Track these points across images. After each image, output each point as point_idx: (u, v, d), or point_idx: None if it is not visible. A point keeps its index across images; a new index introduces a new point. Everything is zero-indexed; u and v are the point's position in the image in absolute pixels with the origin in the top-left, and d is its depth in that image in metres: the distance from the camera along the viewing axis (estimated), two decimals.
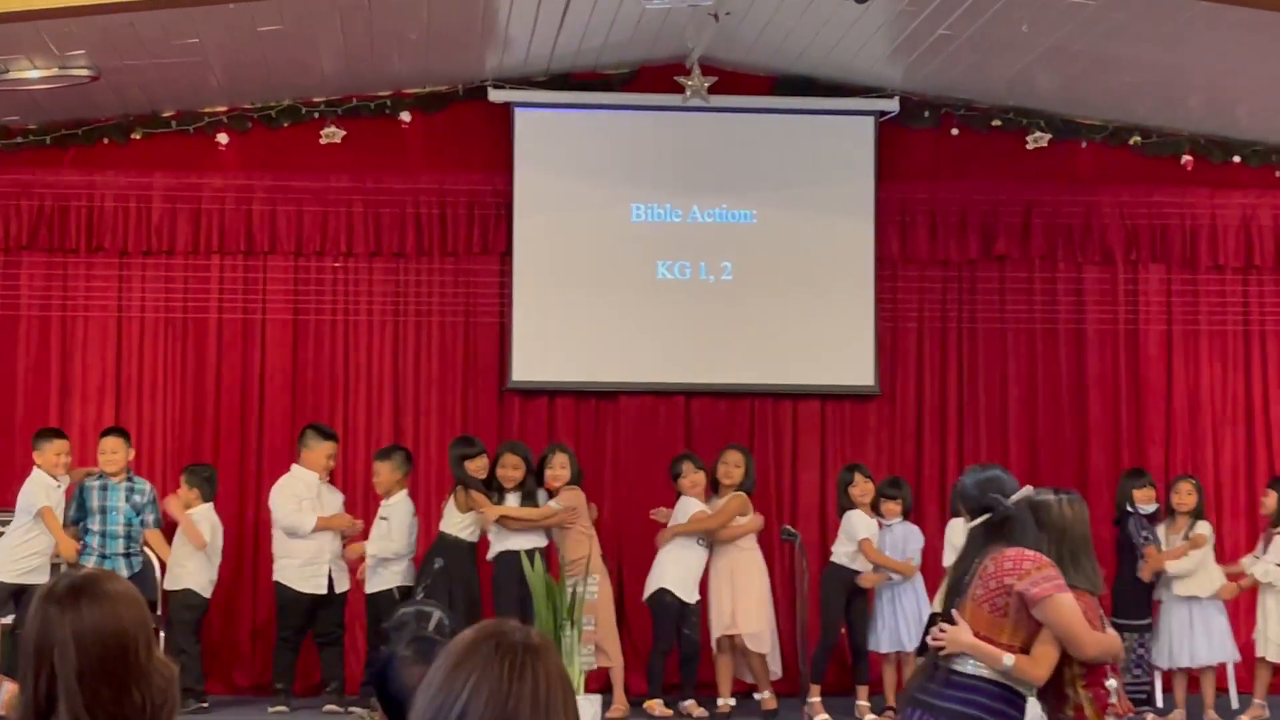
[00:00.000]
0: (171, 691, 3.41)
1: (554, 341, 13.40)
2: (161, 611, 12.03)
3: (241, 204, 13.26)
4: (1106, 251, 13.77)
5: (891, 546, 12.12)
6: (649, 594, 12.14)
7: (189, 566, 12.11)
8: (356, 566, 12.14)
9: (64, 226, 13.15)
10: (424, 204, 13.39)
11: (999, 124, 13.74)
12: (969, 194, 13.72)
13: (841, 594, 12.12)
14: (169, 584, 12.09)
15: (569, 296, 13.38)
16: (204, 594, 12.15)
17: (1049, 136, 13.76)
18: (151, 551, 12.13)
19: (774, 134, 13.58)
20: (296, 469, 12.27)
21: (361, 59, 12.41)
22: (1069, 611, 6.03)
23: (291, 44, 11.83)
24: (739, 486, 12.19)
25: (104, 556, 11.67)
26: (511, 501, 11.91)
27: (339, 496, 12.45)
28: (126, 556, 11.83)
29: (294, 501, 12.11)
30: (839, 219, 13.55)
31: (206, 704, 11.96)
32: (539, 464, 12.09)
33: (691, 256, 13.52)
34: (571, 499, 11.92)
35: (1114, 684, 6.24)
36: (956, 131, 13.76)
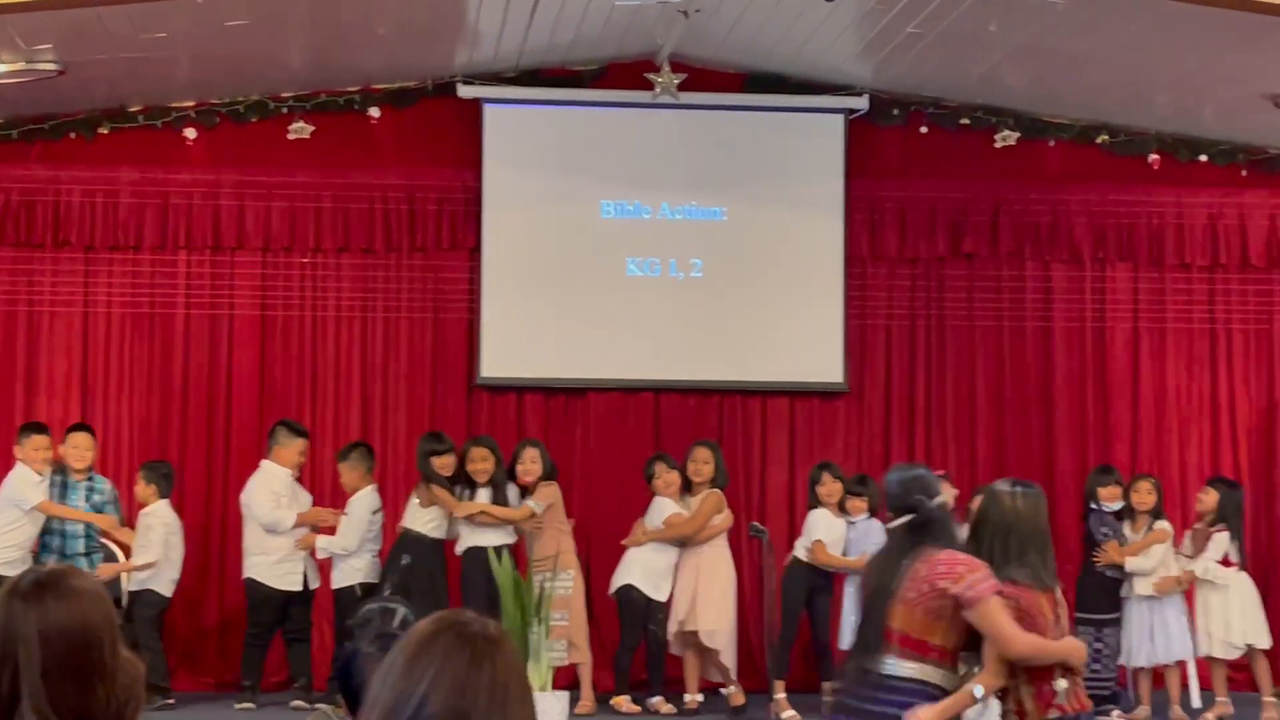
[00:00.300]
0: (136, 689, 3.40)
1: (523, 338, 13.39)
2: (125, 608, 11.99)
3: (209, 199, 13.21)
4: (1074, 250, 13.82)
5: (856, 543, 12.13)
6: (615, 589, 12.13)
7: (161, 569, 12.04)
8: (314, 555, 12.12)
9: (30, 221, 13.09)
10: (393, 200, 13.37)
11: (968, 122, 13.77)
12: (938, 192, 13.74)
13: (803, 590, 12.13)
14: (130, 584, 12.03)
15: (538, 293, 13.37)
16: (165, 592, 12.09)
17: (1017, 135, 13.79)
18: (116, 546, 12.07)
19: (743, 131, 13.58)
20: (268, 465, 12.22)
21: (330, 54, 12.38)
22: (999, 613, 6.08)
23: (259, 39, 11.80)
24: (711, 483, 12.20)
25: (64, 556, 11.61)
26: (482, 496, 11.90)
27: (308, 496, 12.41)
28: (87, 555, 11.76)
29: (272, 498, 12.06)
30: (808, 216, 13.57)
31: (173, 700, 11.91)
32: (510, 459, 12.09)
33: (661, 253, 13.52)
34: (549, 495, 11.93)
35: (1063, 684, 6.26)
36: (925, 130, 13.79)
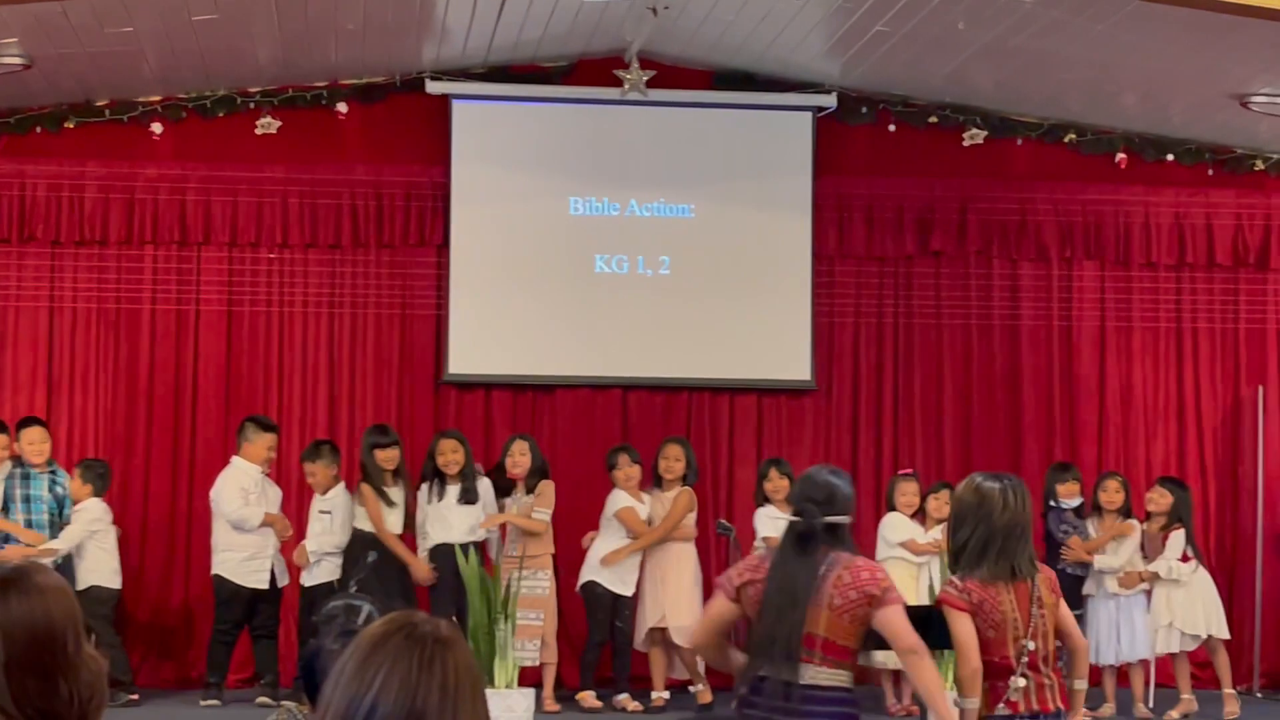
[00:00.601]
0: (100, 685, 3.38)
1: (491, 335, 13.37)
2: None
3: (175, 194, 13.17)
4: (1041, 248, 13.85)
5: None
6: (580, 584, 12.14)
7: (88, 562, 11.96)
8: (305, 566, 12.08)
9: None
10: (360, 195, 13.34)
11: (936, 120, 13.80)
12: (906, 190, 13.77)
13: None
14: (75, 585, 11.97)
15: (506, 289, 13.36)
16: (112, 585, 12.01)
17: (985, 133, 13.82)
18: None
19: (712, 129, 13.59)
20: (238, 461, 12.17)
21: (298, 49, 12.35)
22: (903, 616, 6.31)
23: (227, 33, 11.76)
24: (682, 480, 12.21)
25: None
26: (453, 492, 11.90)
27: (278, 491, 12.37)
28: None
29: (240, 495, 12.00)
30: (777, 214, 13.58)
31: (136, 696, 11.87)
32: (500, 453, 12.09)
33: (629, 250, 13.52)
34: (551, 497, 11.99)
35: (1021, 682, 6.29)
36: (894, 128, 13.81)
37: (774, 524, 11.97)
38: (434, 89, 13.33)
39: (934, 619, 6.56)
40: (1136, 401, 13.92)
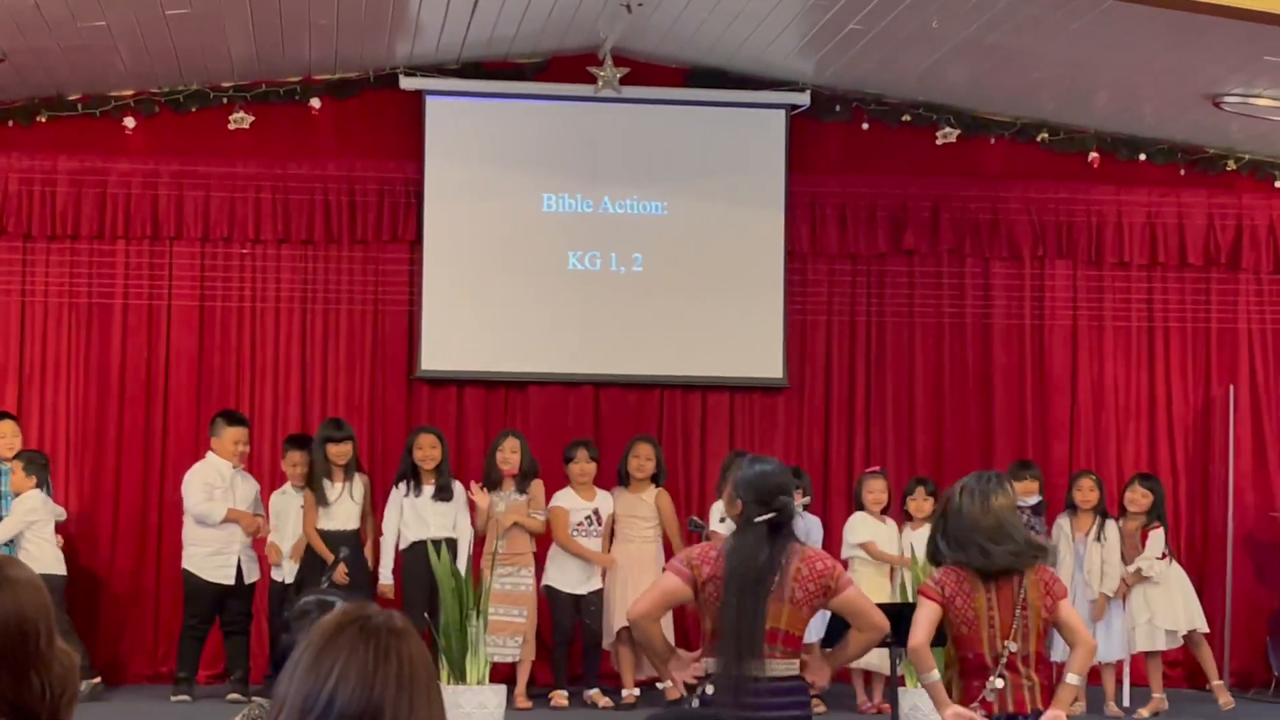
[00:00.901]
0: (71, 679, 3.37)
1: (463, 331, 13.36)
2: None
3: (148, 189, 13.13)
4: (1014, 247, 13.88)
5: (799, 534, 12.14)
6: (543, 585, 12.16)
7: (29, 552, 11.89)
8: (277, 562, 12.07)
9: None
10: (333, 191, 13.32)
11: (909, 119, 13.81)
12: (879, 188, 13.78)
13: None
14: None
15: (479, 286, 13.35)
16: (58, 572, 11.89)
17: (958, 132, 13.84)
18: None
19: (685, 126, 13.59)
20: (211, 457, 12.17)
21: (271, 44, 12.32)
22: (863, 594, 6.54)
23: (200, 28, 11.73)
24: (653, 479, 12.23)
25: None
26: (427, 489, 11.89)
27: (253, 485, 12.31)
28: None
29: (205, 490, 11.99)
30: (749, 211, 13.58)
31: (99, 679, 11.83)
32: (489, 450, 12.12)
33: (602, 247, 13.51)
34: (542, 494, 12.04)
35: (1000, 684, 6.31)
36: (867, 126, 13.82)
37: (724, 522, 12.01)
38: (408, 85, 13.31)
39: (905, 616, 6.59)
40: (1108, 400, 13.95)
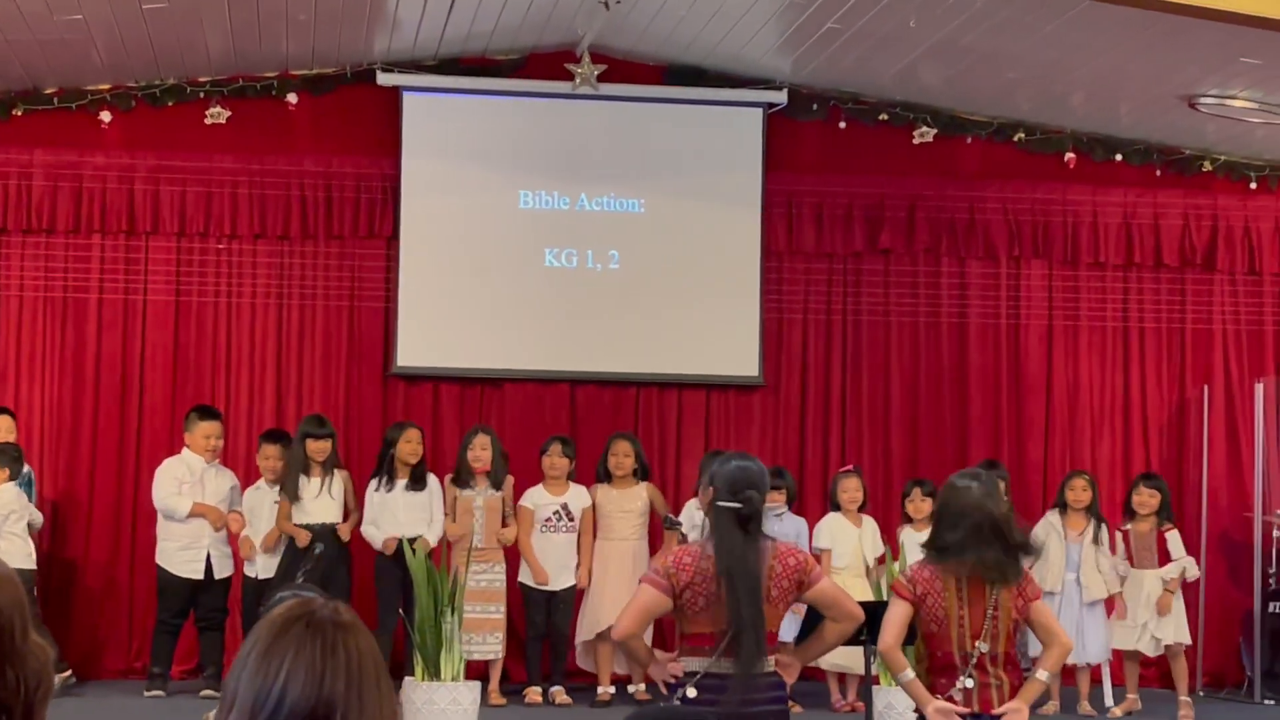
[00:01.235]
0: (46, 674, 3.37)
1: (439, 327, 13.35)
2: None
3: (124, 183, 13.10)
4: (990, 246, 13.91)
5: (781, 537, 12.12)
6: (518, 582, 12.17)
7: (2, 546, 11.89)
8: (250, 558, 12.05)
9: None
10: (310, 187, 13.30)
11: (886, 118, 13.83)
12: (855, 187, 13.79)
13: None
14: None
15: (455, 282, 13.34)
16: (27, 567, 11.86)
17: (935, 132, 13.86)
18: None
19: (663, 124, 13.59)
20: (185, 451, 12.17)
21: (248, 39, 12.30)
22: (836, 585, 6.57)
23: (177, 22, 11.71)
24: (634, 475, 12.25)
25: None
26: (401, 484, 11.89)
27: (228, 480, 12.27)
28: None
29: (173, 484, 12.00)
30: (726, 210, 13.59)
31: (69, 671, 11.81)
32: (450, 446, 12.10)
33: (579, 245, 13.51)
34: (511, 491, 12.07)
35: (969, 684, 6.32)
36: (844, 125, 13.83)
37: (691, 517, 11.98)
38: (385, 81, 13.29)
39: (879, 615, 6.60)
40: (1083, 400, 13.99)
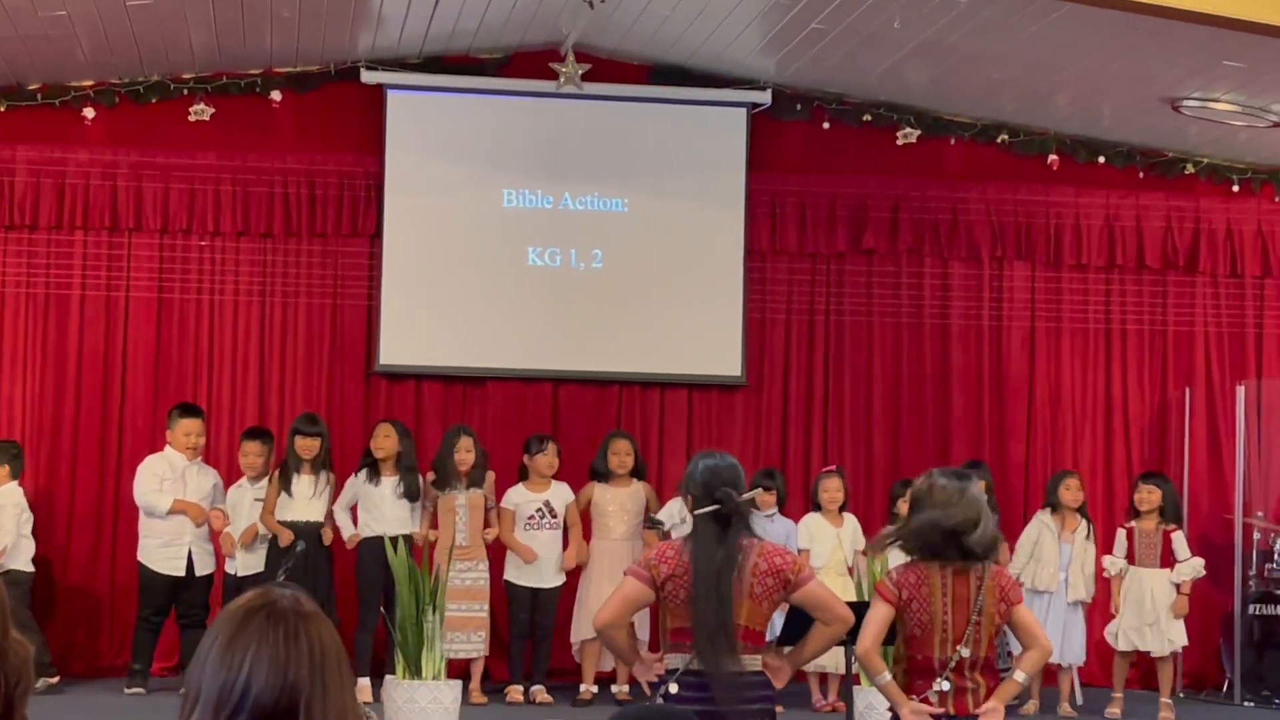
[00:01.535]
0: (26, 671, 3.37)
1: (422, 326, 13.35)
2: None
3: (107, 179, 13.09)
4: (973, 248, 13.93)
5: (774, 539, 12.13)
6: (504, 580, 12.18)
7: (23, 545, 11.92)
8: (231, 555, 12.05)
9: None
10: (293, 184, 13.29)
11: (870, 119, 13.84)
12: (838, 188, 13.81)
13: None
14: None
15: (438, 281, 13.34)
16: (28, 569, 11.94)
17: (918, 133, 13.88)
18: None
19: (646, 123, 13.60)
20: (167, 449, 12.17)
21: (232, 36, 12.29)
22: (823, 587, 6.51)
23: (161, 19, 11.69)
24: (632, 474, 12.26)
25: None
26: (388, 483, 11.89)
27: (210, 478, 12.27)
28: None
29: (154, 481, 12.00)
30: (709, 209, 13.60)
31: (57, 679, 11.81)
32: (434, 444, 12.13)
33: (562, 244, 13.52)
34: (493, 490, 12.08)
35: (946, 685, 6.34)
36: (828, 125, 13.84)
37: (670, 514, 12.00)
38: (369, 79, 13.29)
39: (861, 615, 6.60)
40: (1065, 401, 14.01)
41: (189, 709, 2.71)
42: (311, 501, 11.93)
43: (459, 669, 11.57)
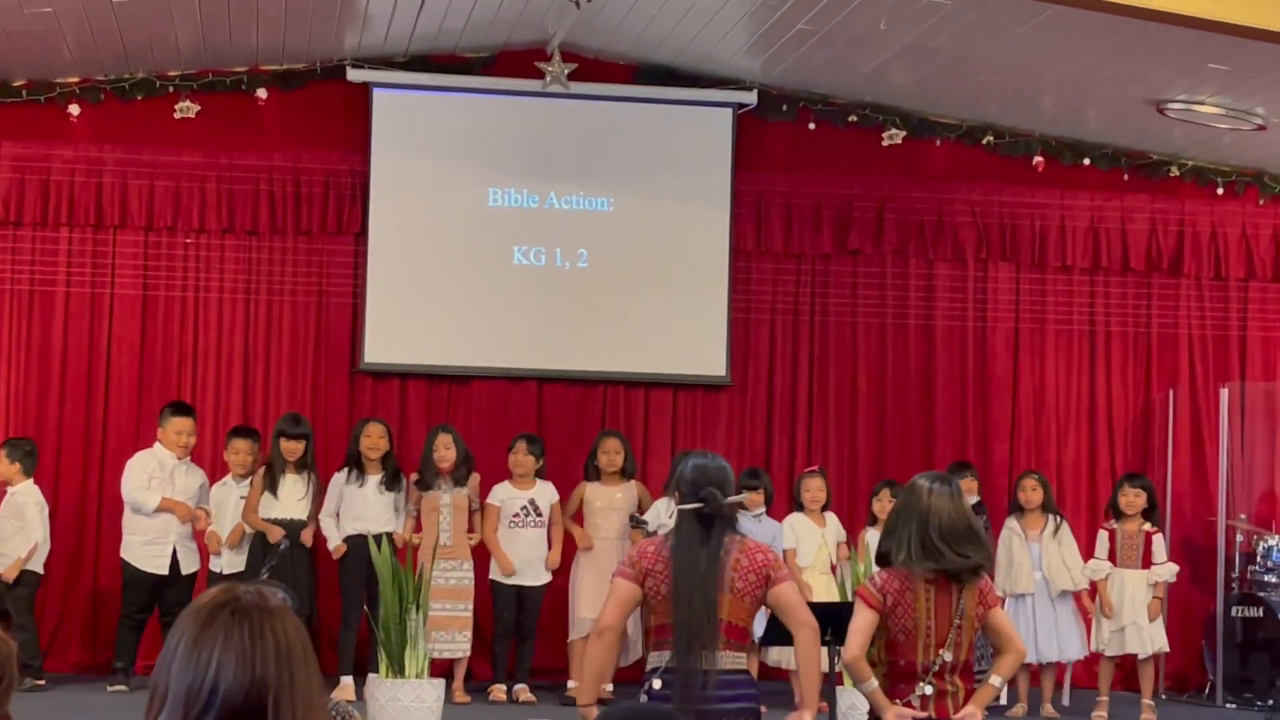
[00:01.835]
0: (8, 668, 3.37)
1: (407, 324, 13.35)
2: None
3: (92, 176, 13.07)
4: (958, 249, 13.95)
5: (760, 539, 12.13)
6: (489, 579, 12.18)
7: (15, 543, 11.89)
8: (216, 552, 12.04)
9: None
10: (278, 182, 13.28)
11: (855, 120, 13.85)
12: (824, 188, 13.82)
13: None
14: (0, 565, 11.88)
15: (423, 279, 13.33)
16: (38, 570, 11.98)
17: (904, 134, 13.89)
18: None
19: (632, 123, 13.60)
20: (157, 446, 12.16)
21: (218, 34, 12.28)
22: (795, 589, 6.52)
23: (147, 16, 11.68)
24: (622, 473, 12.26)
25: None
26: (373, 481, 11.89)
27: (198, 477, 12.26)
28: None
29: (143, 478, 11.99)
30: (695, 209, 13.61)
31: (44, 681, 11.80)
32: (417, 444, 12.09)
33: (547, 243, 13.51)
34: (478, 489, 12.07)
35: (928, 690, 6.35)
36: (814, 126, 13.85)
37: (658, 513, 12.00)
38: (355, 77, 13.28)
39: (843, 616, 6.61)
40: (1049, 403, 14.03)
41: (156, 708, 2.71)
42: (297, 501, 11.93)
43: (442, 668, 11.58)
